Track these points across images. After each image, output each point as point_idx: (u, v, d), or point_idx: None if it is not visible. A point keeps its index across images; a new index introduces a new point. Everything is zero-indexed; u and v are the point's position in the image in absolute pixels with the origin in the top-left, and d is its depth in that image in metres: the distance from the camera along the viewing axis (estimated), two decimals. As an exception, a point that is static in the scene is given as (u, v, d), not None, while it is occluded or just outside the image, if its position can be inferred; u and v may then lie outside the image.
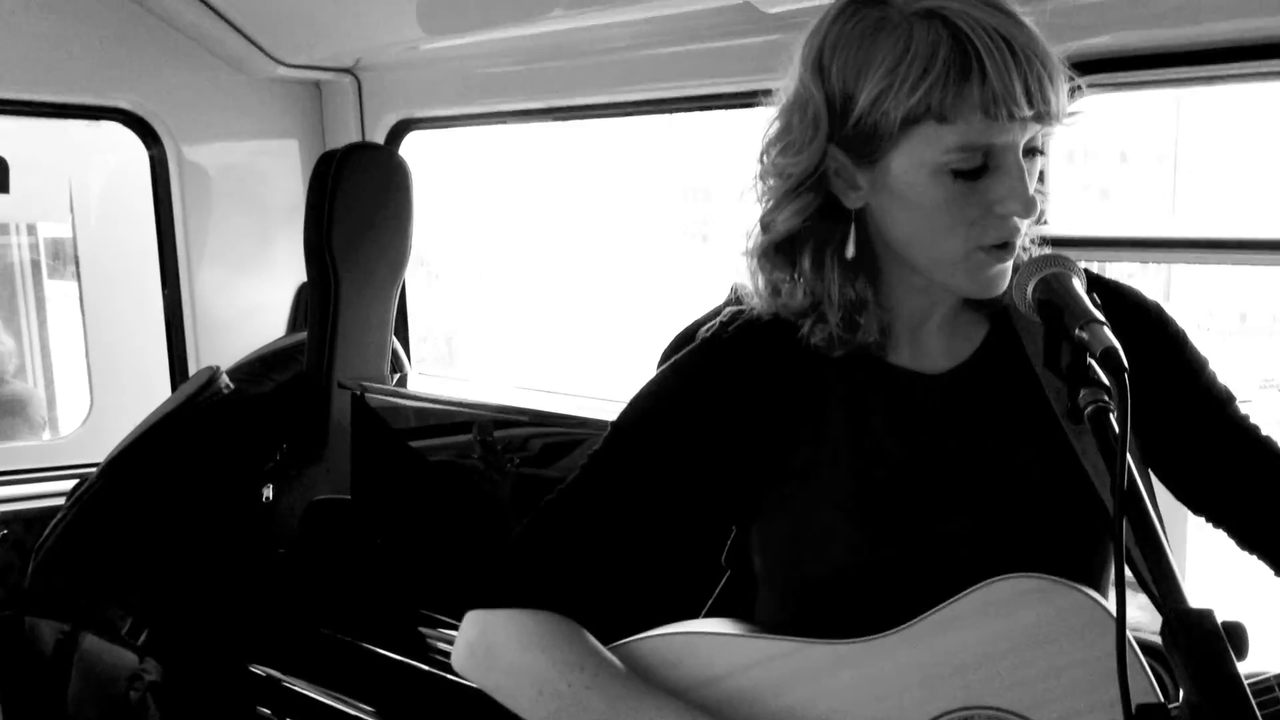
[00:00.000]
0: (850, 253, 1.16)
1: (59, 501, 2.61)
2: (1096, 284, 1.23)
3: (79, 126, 3.30)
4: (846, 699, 1.14)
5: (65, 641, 2.42)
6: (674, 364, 1.26)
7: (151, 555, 2.52)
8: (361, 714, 2.20)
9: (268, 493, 2.66)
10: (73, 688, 2.37)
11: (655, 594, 1.33)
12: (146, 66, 2.77)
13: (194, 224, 2.90)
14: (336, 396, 2.64)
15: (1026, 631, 1.10)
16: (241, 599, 2.53)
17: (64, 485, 2.68)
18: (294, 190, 2.94)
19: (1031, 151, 1.10)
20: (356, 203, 2.60)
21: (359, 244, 2.62)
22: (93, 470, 2.59)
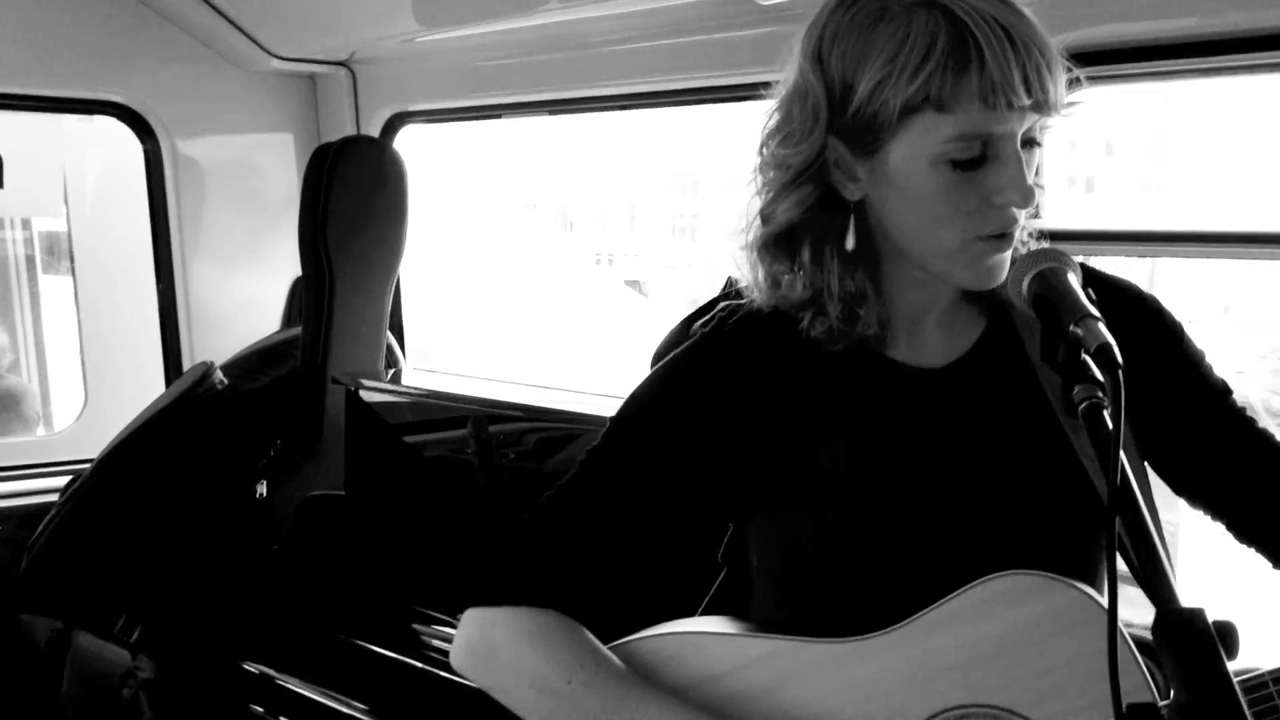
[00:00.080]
0: (850, 244, 1.16)
1: (53, 498, 2.60)
2: (1093, 279, 1.23)
3: (73, 121, 3.30)
4: (843, 697, 1.14)
5: (58, 639, 2.41)
6: (674, 358, 1.26)
7: (145, 552, 2.51)
8: (355, 712, 2.19)
9: (262, 489, 2.65)
10: (66, 685, 2.36)
11: (652, 591, 1.33)
12: (140, 60, 2.77)
13: (188, 218, 2.89)
14: (331, 392, 2.63)
15: (1022, 629, 1.10)
16: (235, 596, 2.53)
17: (58, 481, 2.68)
18: (289, 184, 2.93)
19: (1029, 143, 1.10)
20: (351, 197, 2.59)
21: (354, 238, 2.61)
22: (87, 466, 2.58)
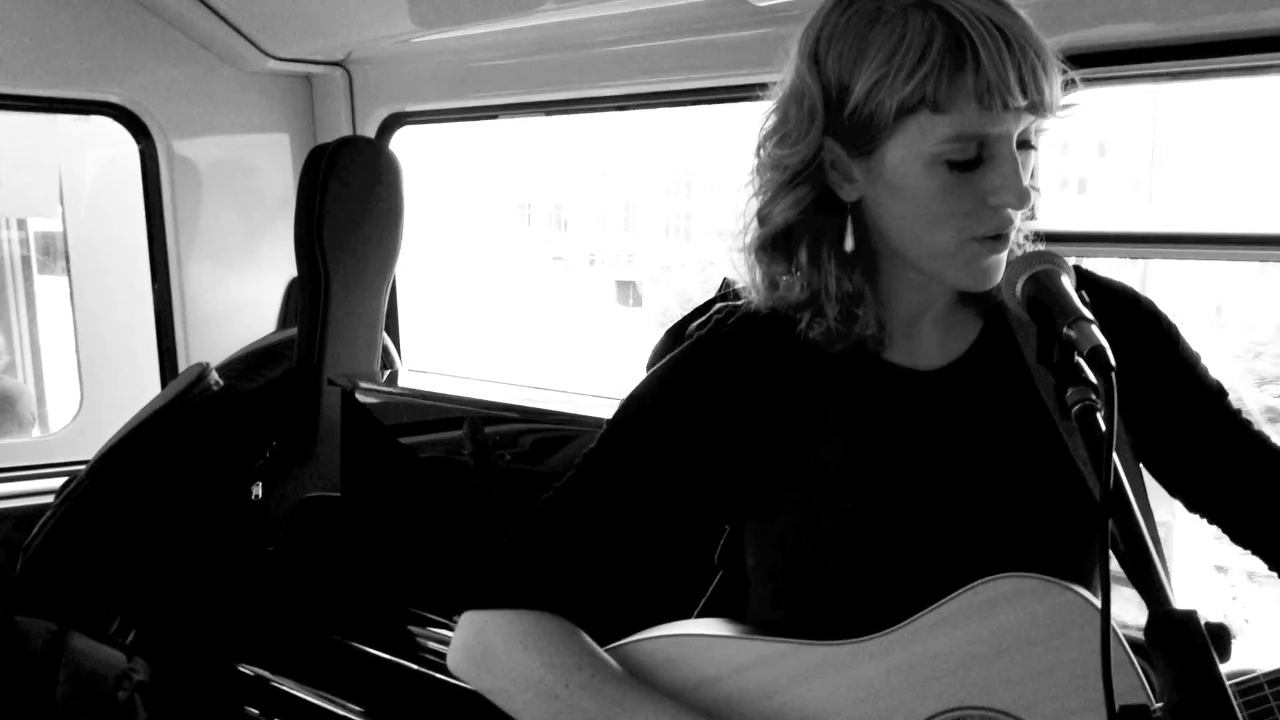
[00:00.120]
0: (849, 245, 1.16)
1: (48, 499, 2.60)
2: (1088, 281, 1.23)
3: (69, 121, 3.29)
4: (840, 700, 1.14)
5: (53, 640, 2.40)
6: (672, 359, 1.25)
7: (140, 554, 2.51)
8: (351, 714, 2.19)
9: (257, 490, 2.64)
10: (61, 687, 2.36)
11: (649, 593, 1.33)
12: (136, 60, 2.76)
13: (184, 219, 2.89)
14: (327, 393, 2.63)
15: (1018, 631, 1.10)
16: (230, 598, 2.52)
17: (53, 483, 2.68)
18: (284, 185, 2.93)
19: (1024, 145, 1.10)
20: (347, 197, 2.59)
21: (350, 239, 2.61)
22: (82, 468, 2.58)
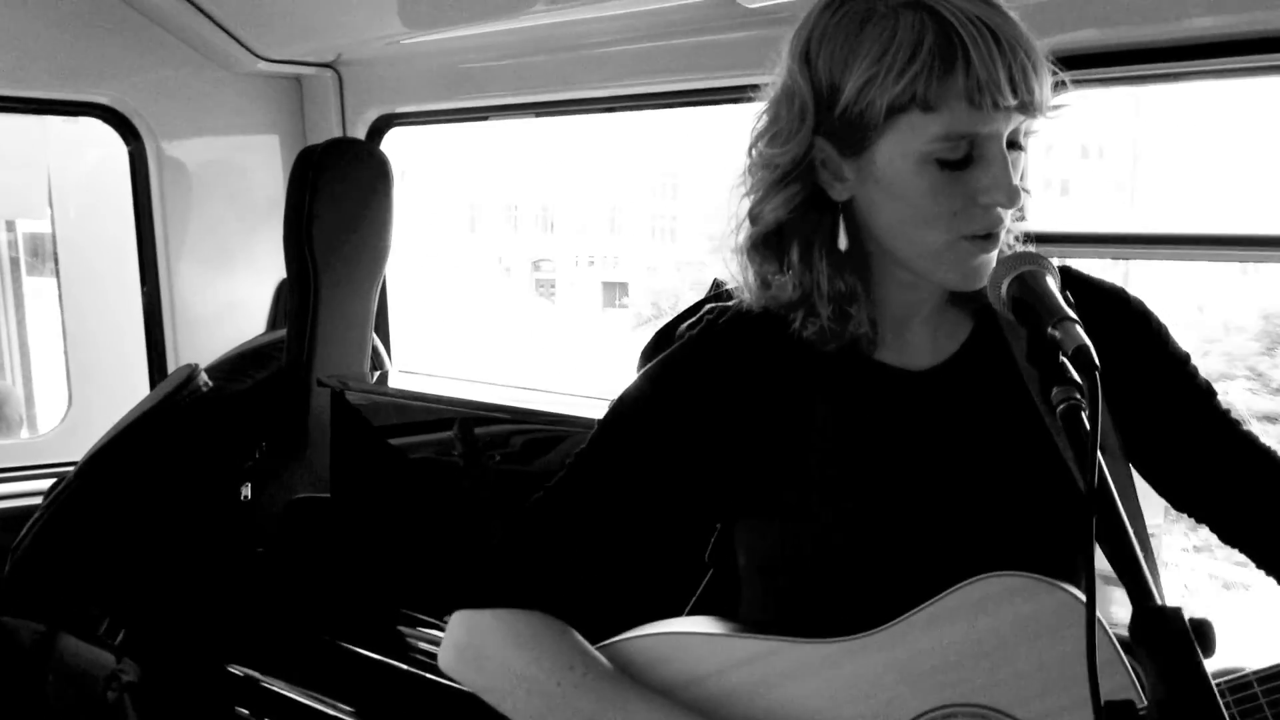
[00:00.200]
0: (844, 244, 1.16)
1: (36, 501, 2.58)
2: (1077, 281, 1.24)
3: (58, 122, 3.28)
4: (831, 698, 1.14)
5: (42, 642, 2.40)
6: (663, 359, 1.26)
7: (129, 555, 2.50)
8: (341, 714, 2.18)
9: (246, 491, 2.64)
10: (50, 688, 2.35)
11: (640, 591, 1.33)
12: (126, 61, 2.76)
13: (173, 220, 2.88)
14: (316, 394, 2.62)
15: (1008, 630, 1.10)
16: (220, 598, 2.52)
17: (42, 484, 2.66)
18: (274, 186, 2.92)
19: (1013, 145, 1.11)
20: (337, 199, 2.58)
21: (339, 240, 2.61)
22: (71, 469, 2.57)
